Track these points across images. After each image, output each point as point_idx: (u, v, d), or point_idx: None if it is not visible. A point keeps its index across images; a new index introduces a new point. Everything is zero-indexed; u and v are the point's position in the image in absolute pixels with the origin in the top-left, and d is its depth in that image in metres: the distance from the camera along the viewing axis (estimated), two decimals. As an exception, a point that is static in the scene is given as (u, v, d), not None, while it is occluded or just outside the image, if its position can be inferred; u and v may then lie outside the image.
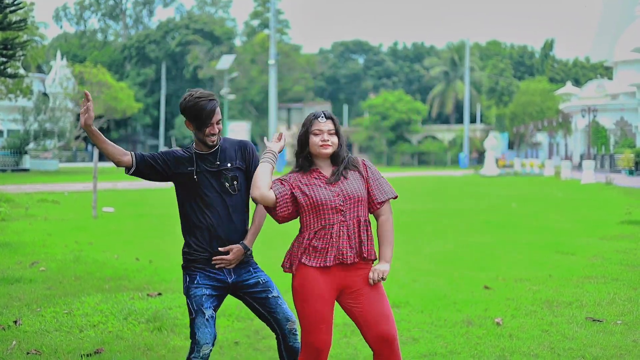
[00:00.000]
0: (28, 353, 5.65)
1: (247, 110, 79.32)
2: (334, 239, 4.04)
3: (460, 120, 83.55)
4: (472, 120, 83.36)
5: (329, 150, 4.13)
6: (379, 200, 4.17)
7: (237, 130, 66.62)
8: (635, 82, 56.03)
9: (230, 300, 7.35)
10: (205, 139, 4.30)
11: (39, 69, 65.32)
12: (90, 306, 7.17)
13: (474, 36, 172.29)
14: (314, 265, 4.05)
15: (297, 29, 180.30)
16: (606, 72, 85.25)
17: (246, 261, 4.39)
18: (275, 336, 4.47)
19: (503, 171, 53.08)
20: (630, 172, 44.43)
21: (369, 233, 4.12)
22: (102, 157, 77.42)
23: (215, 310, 4.33)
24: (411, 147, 77.08)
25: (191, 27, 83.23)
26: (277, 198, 4.07)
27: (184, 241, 4.46)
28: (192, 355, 4.25)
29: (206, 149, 4.36)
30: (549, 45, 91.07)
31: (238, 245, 4.32)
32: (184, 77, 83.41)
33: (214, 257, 4.29)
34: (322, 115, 4.17)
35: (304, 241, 4.10)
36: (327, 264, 4.03)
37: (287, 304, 4.47)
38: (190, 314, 4.29)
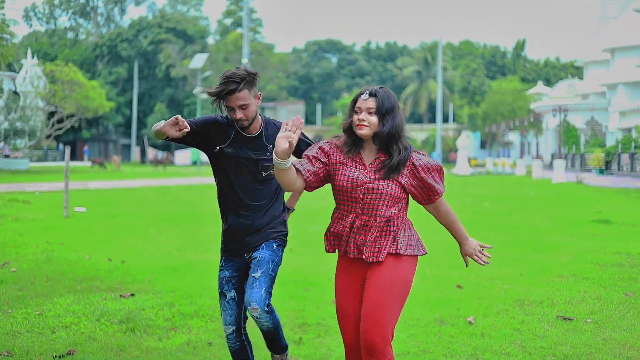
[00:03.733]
0: (-1, 355, 5.61)
1: (221, 109, 78.99)
2: (347, 229, 3.85)
3: (433, 120, 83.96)
4: (445, 119, 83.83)
5: (364, 131, 3.77)
6: (435, 195, 3.92)
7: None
8: (606, 82, 56.63)
9: (204, 301, 7.35)
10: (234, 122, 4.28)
11: (9, 68, 64.65)
12: (62, 307, 7.12)
13: (447, 36, 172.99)
14: (329, 251, 3.96)
15: (270, 28, 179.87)
16: (577, 72, 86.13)
17: (267, 236, 4.40)
18: None
19: (475, 170, 53.43)
20: (601, 172, 44.92)
21: (391, 231, 3.83)
22: (74, 156, 76.31)
23: (239, 289, 4.45)
24: (384, 146, 77.16)
25: (164, 26, 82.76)
26: (306, 180, 3.84)
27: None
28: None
29: (247, 131, 4.30)
30: (520, 45, 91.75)
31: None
32: (156, 76, 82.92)
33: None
34: (367, 92, 3.81)
35: (330, 222, 3.98)
36: (340, 253, 3.94)
37: (266, 294, 4.32)
38: (219, 295, 4.52)
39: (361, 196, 3.80)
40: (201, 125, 4.35)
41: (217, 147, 4.33)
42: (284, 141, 3.55)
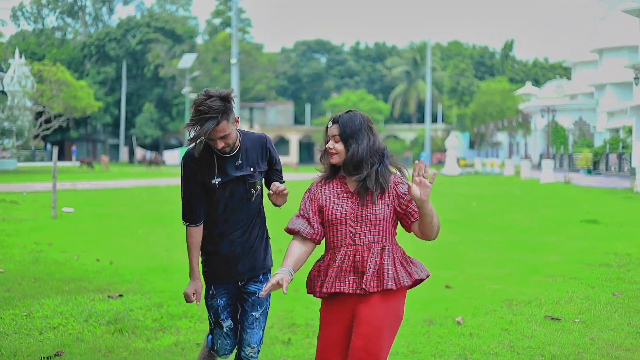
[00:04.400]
0: (-14, 356, 5.58)
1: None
2: (337, 264, 3.64)
3: (421, 120, 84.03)
4: (434, 120, 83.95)
5: (334, 159, 3.66)
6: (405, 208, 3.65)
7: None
8: (594, 83, 56.86)
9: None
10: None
11: (-3, 67, 64.32)
12: (49, 308, 7.09)
13: (436, 36, 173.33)
14: (315, 293, 3.72)
15: (259, 28, 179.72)
16: (565, 72, 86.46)
17: (263, 272, 4.25)
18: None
19: (464, 170, 53.54)
20: (589, 172, 45.11)
21: (387, 260, 3.61)
22: (62, 156, 76.10)
23: (234, 317, 4.27)
24: (373, 146, 77.21)
25: (152, 26, 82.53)
26: (314, 241, 3.72)
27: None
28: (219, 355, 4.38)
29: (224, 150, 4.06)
30: (509, 46, 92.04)
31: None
32: (144, 75, 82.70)
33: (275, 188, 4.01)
34: (331, 120, 3.71)
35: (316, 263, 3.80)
36: (328, 291, 3.64)
37: (263, 332, 4.29)
38: (210, 324, 4.33)
39: (352, 226, 3.64)
40: (193, 182, 4.11)
41: (212, 181, 4.06)
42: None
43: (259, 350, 4.26)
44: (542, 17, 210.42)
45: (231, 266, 4.19)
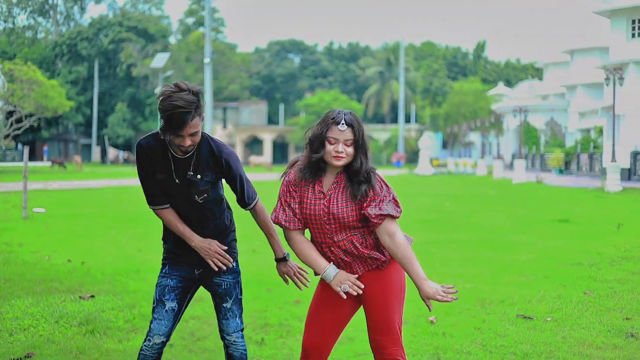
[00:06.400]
0: (-45, 358, 5.50)
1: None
2: (326, 255, 3.85)
3: (395, 120, 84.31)
4: (407, 120, 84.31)
5: (342, 163, 3.70)
6: (374, 214, 3.69)
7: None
8: (565, 83, 57.37)
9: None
10: (174, 147, 3.89)
11: (-33, 66, 63.56)
12: (20, 309, 7.01)
13: (409, 37, 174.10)
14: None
15: (233, 28, 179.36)
16: (537, 73, 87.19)
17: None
18: None
19: (437, 170, 53.80)
20: (560, 172, 45.53)
21: (370, 248, 3.80)
22: (33, 156, 75.33)
23: (181, 302, 4.17)
24: (347, 146, 77.24)
25: (125, 25, 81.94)
26: (296, 228, 3.84)
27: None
28: (144, 343, 4.13)
29: (181, 153, 3.91)
30: (481, 47, 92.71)
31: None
32: (117, 75, 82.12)
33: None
34: (343, 122, 3.69)
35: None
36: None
37: (240, 319, 4.26)
38: (153, 302, 4.16)
39: (326, 225, 3.76)
40: (147, 167, 4.00)
41: (157, 175, 3.97)
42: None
43: (242, 335, 4.24)
44: (514, 18, 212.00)
45: (189, 249, 4.10)
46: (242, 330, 4.25)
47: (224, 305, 4.21)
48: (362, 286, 3.73)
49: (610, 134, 36.14)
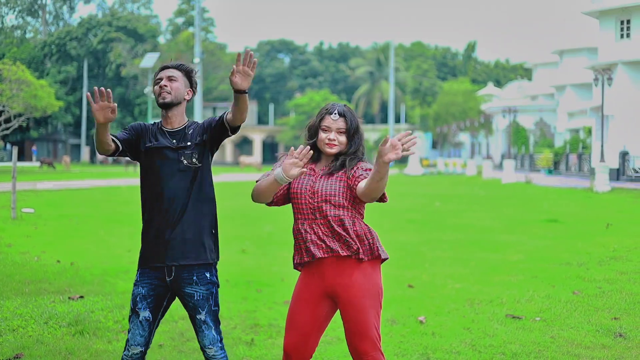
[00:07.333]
0: (-57, 360, 5.48)
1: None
2: (303, 236, 3.90)
3: (385, 120, 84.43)
4: (397, 120, 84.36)
5: (334, 150, 3.93)
6: (365, 168, 3.87)
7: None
8: (554, 84, 57.56)
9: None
10: (157, 98, 4.16)
11: (-45, 66, 63.22)
12: (9, 310, 6.99)
13: (399, 37, 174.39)
14: (295, 261, 3.99)
15: (223, 28, 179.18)
16: (526, 73, 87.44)
17: (196, 263, 4.11)
18: None
19: (427, 170, 53.89)
20: (549, 172, 45.68)
21: (351, 230, 3.84)
22: (22, 156, 74.92)
23: (155, 310, 4.14)
24: (337, 146, 77.29)
25: (114, 25, 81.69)
26: (273, 199, 3.99)
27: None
28: (124, 352, 4.14)
29: (169, 126, 4.17)
30: (471, 47, 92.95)
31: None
32: (106, 75, 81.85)
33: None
34: (336, 112, 3.94)
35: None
36: (302, 261, 3.93)
37: (216, 330, 4.21)
38: (130, 311, 4.18)
39: (309, 200, 3.89)
40: (130, 129, 4.27)
41: (146, 145, 4.15)
42: (291, 167, 3.74)
43: (221, 347, 4.17)
44: (503, 18, 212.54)
45: (160, 245, 4.08)
46: (220, 341, 4.17)
47: (198, 317, 4.13)
48: (308, 148, 3.74)
49: (599, 134, 36.28)
